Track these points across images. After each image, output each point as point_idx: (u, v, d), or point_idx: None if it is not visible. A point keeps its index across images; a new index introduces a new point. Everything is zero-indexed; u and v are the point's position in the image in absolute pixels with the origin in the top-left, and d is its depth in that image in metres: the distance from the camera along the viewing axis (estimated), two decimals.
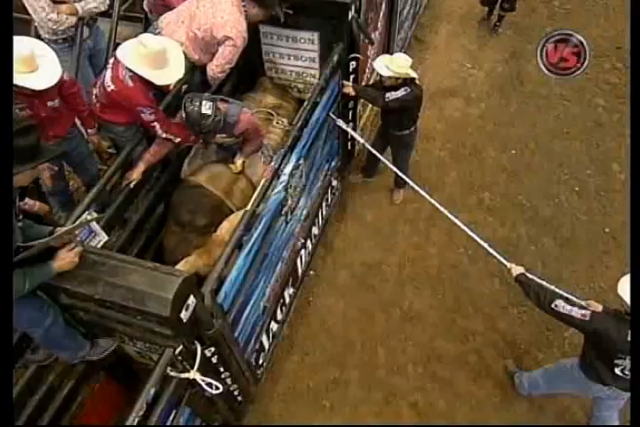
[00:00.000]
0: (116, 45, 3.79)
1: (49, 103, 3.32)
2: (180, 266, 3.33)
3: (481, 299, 4.60)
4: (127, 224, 3.54)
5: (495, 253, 3.71)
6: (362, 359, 4.31)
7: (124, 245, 3.51)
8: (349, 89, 4.23)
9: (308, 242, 4.37)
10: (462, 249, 4.85)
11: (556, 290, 3.39)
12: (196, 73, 3.96)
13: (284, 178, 3.40)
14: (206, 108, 3.38)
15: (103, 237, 3.16)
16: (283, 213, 3.56)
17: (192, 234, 3.62)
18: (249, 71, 4.52)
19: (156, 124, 3.46)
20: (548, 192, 5.25)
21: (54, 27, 3.95)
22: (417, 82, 4.28)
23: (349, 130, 4.34)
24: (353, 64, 4.26)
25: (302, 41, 4.23)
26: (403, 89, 4.18)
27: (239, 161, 3.84)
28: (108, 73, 3.45)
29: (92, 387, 3.29)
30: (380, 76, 4.24)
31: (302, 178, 3.79)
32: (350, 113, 4.56)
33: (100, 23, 4.33)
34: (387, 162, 4.45)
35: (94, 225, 3.07)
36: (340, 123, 4.18)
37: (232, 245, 2.87)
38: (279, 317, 4.07)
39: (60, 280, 2.39)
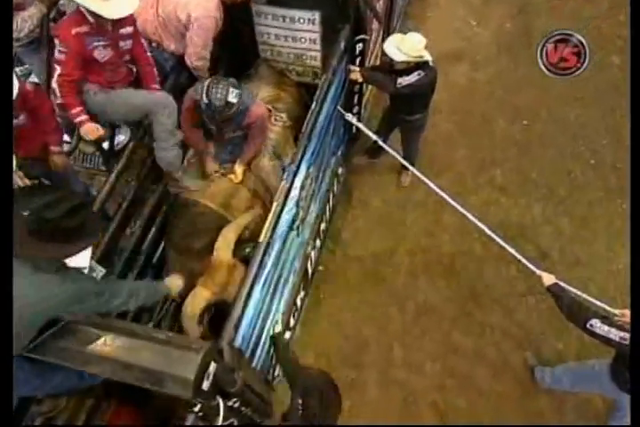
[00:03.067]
0: None
1: (13, 121, 2.89)
2: (188, 302, 3.05)
3: (497, 288, 4.43)
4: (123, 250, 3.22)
5: (523, 260, 3.52)
6: (378, 358, 4.17)
7: (124, 270, 3.23)
8: (357, 75, 3.81)
9: (317, 241, 4.11)
10: (476, 234, 4.59)
11: (591, 300, 3.24)
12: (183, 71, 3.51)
13: (294, 193, 3.08)
14: (233, 95, 3.12)
15: (100, 272, 2.89)
16: (294, 227, 3.26)
17: (191, 261, 3.28)
18: (242, 54, 4.05)
19: (57, 66, 3.08)
20: (563, 167, 4.97)
21: (14, 36, 3.44)
22: (431, 64, 3.86)
23: (360, 125, 3.94)
24: (360, 46, 3.81)
25: (301, 21, 3.78)
26: (416, 73, 3.76)
27: (239, 169, 3.47)
28: None
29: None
30: (390, 57, 3.80)
31: (312, 183, 3.47)
32: (356, 97, 4.15)
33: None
34: (395, 154, 4.11)
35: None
36: (350, 117, 3.80)
37: (246, 289, 2.59)
38: (291, 323, 3.87)
39: (64, 359, 2.12)
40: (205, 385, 2.18)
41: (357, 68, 3.85)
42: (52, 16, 3.60)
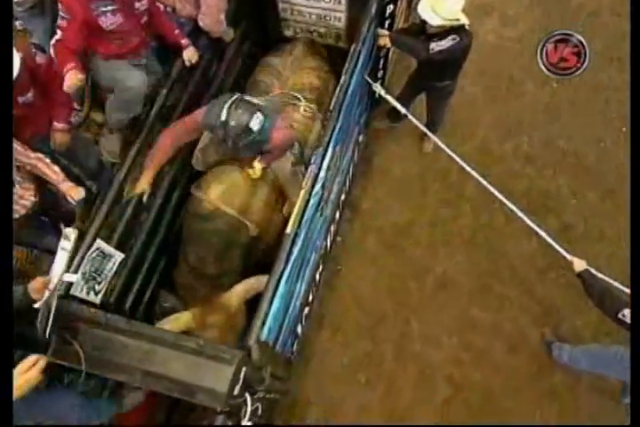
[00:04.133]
0: None
1: (20, 99, 2.69)
2: (167, 321, 2.93)
3: (517, 261, 4.35)
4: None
5: (553, 243, 3.40)
6: (395, 332, 4.14)
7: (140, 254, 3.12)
8: (385, 40, 3.53)
9: (337, 213, 3.97)
10: (498, 205, 4.46)
11: (622, 288, 3.15)
12: (201, 36, 3.24)
13: (322, 175, 2.90)
14: (256, 122, 2.79)
15: (118, 257, 2.80)
16: (319, 209, 3.11)
17: (200, 281, 3.17)
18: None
19: (59, 31, 2.83)
20: (593, 135, 4.75)
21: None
22: (467, 28, 3.57)
23: (389, 97, 3.68)
24: (390, 8, 3.51)
25: None
26: (450, 38, 3.46)
27: (259, 166, 3.17)
28: None
29: None
30: (422, 20, 3.50)
31: (337, 161, 3.28)
32: (381, 62, 3.88)
33: None
34: (419, 124, 3.94)
35: (105, 246, 2.68)
36: (378, 88, 3.55)
37: (273, 285, 2.48)
38: (310, 298, 3.80)
39: (89, 366, 2.04)
40: (236, 390, 2.14)
41: (387, 33, 3.56)
42: None
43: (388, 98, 3.68)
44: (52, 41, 2.87)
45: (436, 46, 3.47)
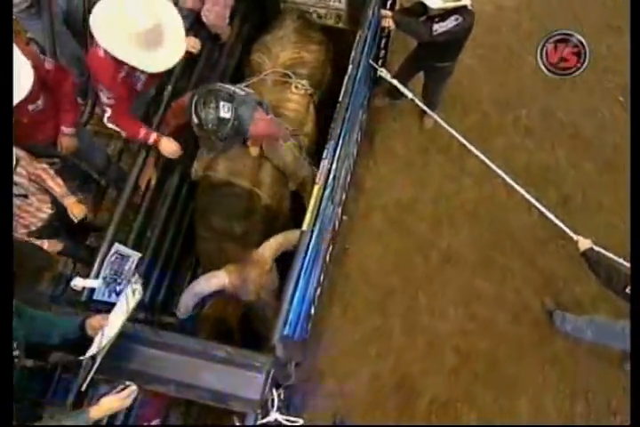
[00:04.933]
0: None
1: (30, 107, 2.68)
2: (205, 277, 3.02)
3: (519, 233, 4.47)
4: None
5: (559, 223, 3.52)
6: (403, 306, 4.29)
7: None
8: (389, 22, 3.51)
9: (343, 195, 4.04)
10: (499, 179, 4.54)
11: (626, 264, 3.27)
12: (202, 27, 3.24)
13: (334, 167, 2.96)
14: (225, 110, 2.79)
15: (136, 256, 2.89)
16: (331, 198, 3.18)
17: (228, 243, 3.21)
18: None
19: (108, 109, 2.85)
20: (590, 105, 4.81)
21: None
22: (469, 7, 3.55)
23: (395, 82, 3.70)
24: None
25: None
26: (453, 18, 3.47)
27: (254, 149, 3.24)
28: None
29: None
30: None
31: (346, 148, 3.33)
32: (382, 42, 3.87)
33: None
34: (421, 104, 3.96)
35: (123, 249, 2.77)
36: (384, 74, 3.56)
37: (293, 283, 2.58)
38: (321, 279, 3.92)
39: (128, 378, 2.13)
40: (266, 390, 2.25)
41: (389, 13, 3.54)
42: None
43: (394, 82, 3.70)
44: (106, 116, 2.89)
45: (439, 28, 3.48)
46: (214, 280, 3.00)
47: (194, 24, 3.30)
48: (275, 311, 2.53)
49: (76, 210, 2.98)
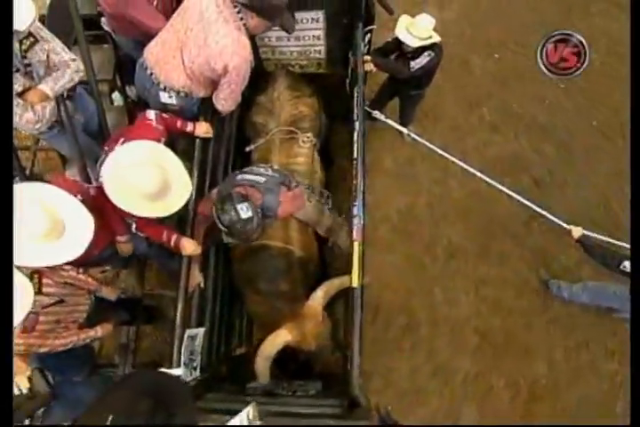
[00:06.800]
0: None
1: None
2: (269, 341, 3.25)
3: (505, 219, 5.07)
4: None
5: (551, 217, 4.08)
6: (423, 302, 4.86)
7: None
8: (370, 66, 3.91)
9: None
10: (478, 174, 5.13)
11: (615, 242, 3.84)
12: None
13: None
14: (244, 211, 2.90)
15: (202, 331, 3.19)
16: None
17: (278, 301, 3.51)
18: None
19: (133, 223, 3.11)
20: (538, 95, 5.42)
21: (37, 127, 3.20)
22: (438, 43, 4.00)
23: (389, 121, 4.13)
24: (368, 36, 3.90)
25: (304, 21, 3.77)
26: (426, 54, 3.90)
27: None
28: None
29: None
30: (399, 40, 3.86)
31: None
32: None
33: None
34: (398, 125, 4.37)
35: (192, 331, 3.06)
36: (378, 115, 3.99)
37: (357, 335, 2.89)
38: None
39: None
40: None
41: (369, 58, 3.92)
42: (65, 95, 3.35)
43: (389, 122, 4.14)
44: (133, 227, 3.08)
45: (415, 65, 3.92)
46: (278, 340, 3.25)
47: (200, 107, 3.51)
48: (350, 365, 2.83)
49: (111, 294, 3.40)
